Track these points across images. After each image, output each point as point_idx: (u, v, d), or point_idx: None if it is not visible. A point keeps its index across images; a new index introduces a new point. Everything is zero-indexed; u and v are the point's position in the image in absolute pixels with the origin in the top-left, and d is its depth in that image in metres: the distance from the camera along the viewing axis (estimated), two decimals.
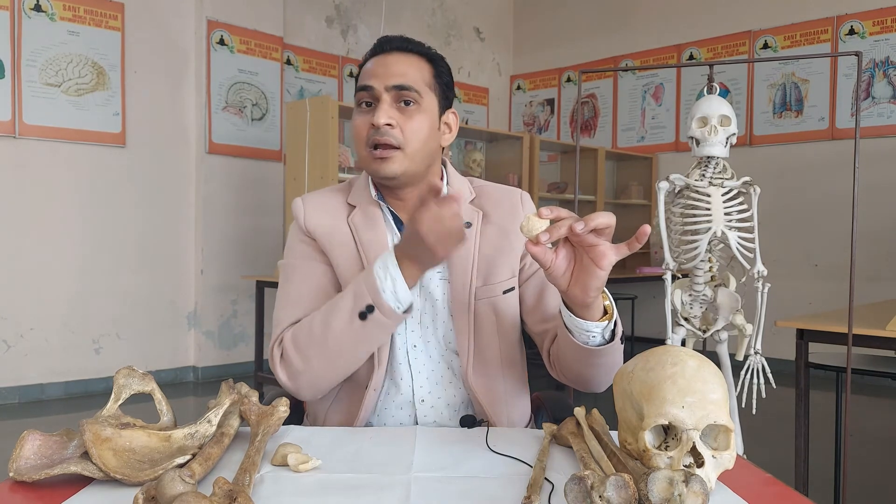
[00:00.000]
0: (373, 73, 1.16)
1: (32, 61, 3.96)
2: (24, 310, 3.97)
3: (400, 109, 1.14)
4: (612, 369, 1.07)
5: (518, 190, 1.28)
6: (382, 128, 1.12)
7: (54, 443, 0.84)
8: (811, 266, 5.02)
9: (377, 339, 1.08)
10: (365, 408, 1.15)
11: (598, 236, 0.92)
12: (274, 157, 4.93)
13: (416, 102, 1.15)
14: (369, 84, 1.15)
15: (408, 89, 1.14)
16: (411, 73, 1.15)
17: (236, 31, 4.73)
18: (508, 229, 1.20)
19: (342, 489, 0.80)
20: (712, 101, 2.15)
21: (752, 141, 5.33)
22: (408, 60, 1.17)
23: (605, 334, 1.02)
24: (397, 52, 1.18)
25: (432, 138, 1.18)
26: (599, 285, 0.95)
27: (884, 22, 4.79)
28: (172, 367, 4.58)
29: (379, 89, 1.14)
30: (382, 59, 1.17)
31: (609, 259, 0.92)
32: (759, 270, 2.12)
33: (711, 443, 0.80)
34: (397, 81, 1.14)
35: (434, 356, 1.18)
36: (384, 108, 1.13)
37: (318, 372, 1.09)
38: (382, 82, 1.14)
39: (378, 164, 1.13)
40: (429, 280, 1.18)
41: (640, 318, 5.52)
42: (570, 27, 6.48)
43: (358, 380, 1.16)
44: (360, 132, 1.16)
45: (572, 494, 0.69)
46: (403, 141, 1.13)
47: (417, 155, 1.15)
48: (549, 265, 0.95)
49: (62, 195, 4.09)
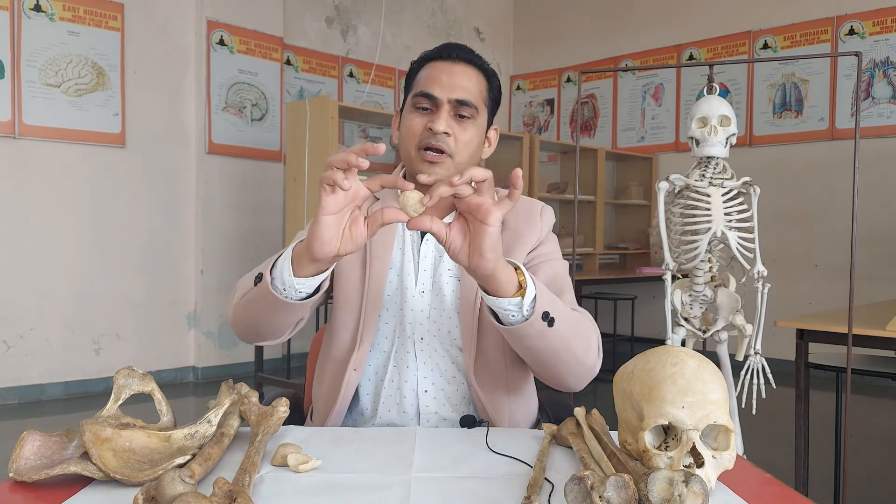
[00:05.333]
0: (437, 80, 1.18)
1: (32, 61, 3.96)
2: (24, 310, 3.97)
3: (456, 120, 1.18)
4: (559, 358, 1.05)
5: (540, 202, 1.30)
6: (440, 135, 1.16)
7: (54, 443, 0.84)
8: (811, 266, 5.02)
9: (268, 307, 1.05)
10: (346, 384, 1.19)
11: (480, 194, 0.91)
12: (274, 158, 4.93)
13: (472, 117, 1.19)
14: (433, 93, 1.17)
15: (469, 105, 1.18)
16: (472, 88, 1.20)
17: (236, 31, 4.73)
18: (522, 234, 1.23)
19: (342, 489, 0.80)
20: (712, 102, 2.14)
21: (752, 141, 5.33)
22: (471, 74, 1.21)
23: (526, 312, 0.98)
24: (463, 63, 1.21)
25: (478, 151, 1.23)
26: (493, 244, 0.91)
27: (884, 22, 4.79)
28: (172, 368, 4.58)
29: (442, 99, 1.17)
30: (448, 68, 1.20)
31: (494, 214, 0.90)
32: (759, 270, 2.12)
33: (711, 443, 0.81)
34: (461, 96, 1.18)
35: (439, 350, 1.21)
36: (444, 117, 1.16)
37: (239, 315, 1.13)
38: (447, 93, 1.17)
39: (426, 166, 1.17)
40: (440, 276, 1.21)
41: (640, 318, 5.52)
42: (570, 27, 6.48)
43: (341, 358, 1.22)
44: (414, 132, 1.18)
45: (572, 494, 0.69)
46: (455, 150, 1.17)
47: (462, 165, 1.19)
48: (444, 238, 0.93)
49: (62, 195, 4.09)
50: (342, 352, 1.22)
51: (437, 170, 1.16)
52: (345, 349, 1.22)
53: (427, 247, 1.23)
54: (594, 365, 1.11)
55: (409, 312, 1.21)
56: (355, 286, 1.22)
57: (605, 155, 5.69)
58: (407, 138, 1.20)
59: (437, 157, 1.16)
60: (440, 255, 1.23)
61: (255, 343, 1.19)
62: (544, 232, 1.25)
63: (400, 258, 1.24)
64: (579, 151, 2.74)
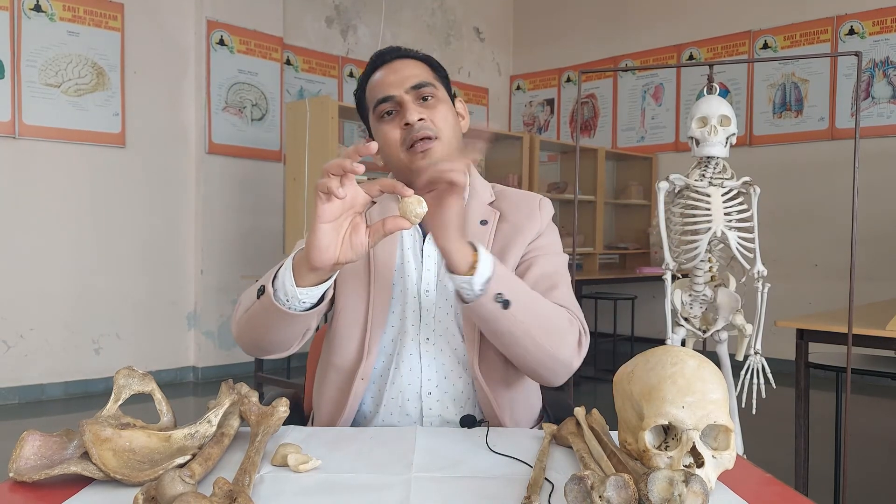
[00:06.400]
0: (386, 82, 1.20)
1: (32, 62, 3.96)
2: (24, 310, 3.97)
3: (422, 105, 1.19)
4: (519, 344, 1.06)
5: (538, 195, 1.30)
6: (416, 124, 1.16)
7: (54, 443, 0.84)
8: (811, 266, 5.02)
9: (273, 320, 1.03)
10: (353, 395, 1.17)
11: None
12: (274, 158, 4.93)
13: (434, 96, 1.20)
14: (388, 94, 1.18)
15: (425, 85, 1.19)
16: (419, 72, 1.21)
17: (236, 31, 4.73)
18: (522, 227, 1.24)
19: (342, 489, 0.80)
20: (712, 101, 2.14)
21: (752, 141, 5.33)
22: (410, 64, 1.23)
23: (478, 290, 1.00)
24: (397, 59, 1.23)
25: (456, 124, 1.23)
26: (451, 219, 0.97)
27: (884, 22, 4.80)
28: (172, 368, 4.58)
29: (399, 94, 1.18)
30: (389, 68, 1.22)
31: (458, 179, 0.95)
32: (759, 270, 2.12)
33: (711, 443, 0.80)
34: (413, 81, 1.19)
35: (445, 350, 1.19)
36: (411, 108, 1.17)
37: (244, 329, 1.11)
38: (400, 87, 1.18)
39: (421, 158, 1.16)
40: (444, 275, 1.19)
41: (640, 317, 5.52)
42: (570, 27, 6.48)
43: (348, 368, 1.19)
44: (392, 139, 1.18)
45: (572, 494, 0.69)
46: (438, 129, 1.17)
47: (452, 141, 1.20)
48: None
49: (62, 195, 4.09)
50: (348, 362, 1.19)
51: (431, 155, 1.16)
52: (351, 359, 1.19)
53: (430, 246, 1.22)
54: (569, 360, 1.10)
55: (413, 314, 1.19)
56: (359, 294, 1.20)
57: (605, 155, 5.69)
58: (390, 148, 1.19)
59: (426, 144, 1.16)
60: None
61: (262, 357, 1.15)
62: (544, 224, 1.26)
63: (401, 259, 1.23)
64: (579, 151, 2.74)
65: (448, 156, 1.17)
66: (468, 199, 1.25)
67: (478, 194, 1.27)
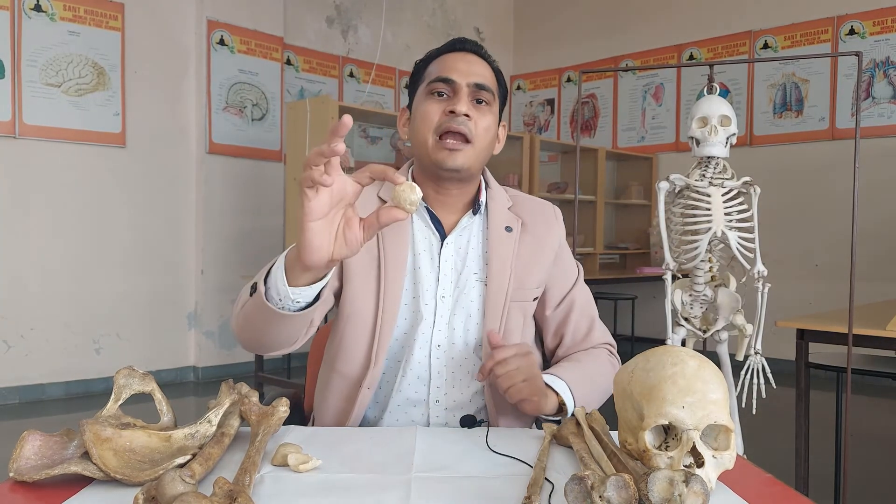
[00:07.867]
0: (453, 67, 1.17)
1: (33, 61, 3.96)
2: (24, 310, 3.97)
3: (475, 106, 1.16)
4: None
5: (551, 204, 1.30)
6: (461, 117, 1.13)
7: (54, 443, 0.84)
8: (811, 266, 5.02)
9: (267, 319, 0.98)
10: (359, 405, 1.14)
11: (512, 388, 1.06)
12: (274, 157, 4.93)
13: (489, 104, 1.18)
14: (450, 77, 1.16)
15: (486, 89, 1.17)
16: (488, 77, 1.19)
17: (236, 31, 4.73)
18: (544, 241, 1.24)
19: (342, 489, 0.80)
20: (712, 102, 2.14)
21: (753, 141, 5.33)
22: (484, 65, 1.20)
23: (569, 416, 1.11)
24: (473, 54, 1.20)
25: (492, 142, 1.21)
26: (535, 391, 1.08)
27: (884, 22, 4.79)
28: (173, 367, 4.58)
29: (460, 83, 1.15)
30: (462, 56, 1.19)
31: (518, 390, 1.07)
32: (759, 270, 2.12)
33: (711, 443, 0.80)
34: (479, 80, 1.16)
35: (457, 358, 1.16)
36: (465, 100, 1.15)
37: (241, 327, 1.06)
38: (465, 78, 1.16)
39: (447, 154, 1.13)
40: (465, 281, 1.18)
41: (640, 318, 5.52)
42: (571, 27, 6.48)
43: (354, 376, 1.16)
44: (431, 118, 1.15)
45: (572, 494, 0.69)
46: (476, 135, 1.15)
47: (482, 153, 1.17)
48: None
49: (62, 195, 4.09)
50: (354, 369, 1.15)
51: (457, 157, 1.13)
52: (357, 367, 1.15)
53: (448, 250, 1.18)
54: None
55: (425, 322, 1.15)
56: (369, 299, 1.15)
57: (605, 155, 5.69)
58: (423, 125, 1.15)
59: (458, 144, 1.13)
60: (462, 260, 1.19)
61: (265, 353, 1.11)
62: (562, 234, 1.29)
63: (413, 261, 1.18)
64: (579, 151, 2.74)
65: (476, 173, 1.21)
66: (489, 204, 1.24)
67: (496, 198, 1.25)
